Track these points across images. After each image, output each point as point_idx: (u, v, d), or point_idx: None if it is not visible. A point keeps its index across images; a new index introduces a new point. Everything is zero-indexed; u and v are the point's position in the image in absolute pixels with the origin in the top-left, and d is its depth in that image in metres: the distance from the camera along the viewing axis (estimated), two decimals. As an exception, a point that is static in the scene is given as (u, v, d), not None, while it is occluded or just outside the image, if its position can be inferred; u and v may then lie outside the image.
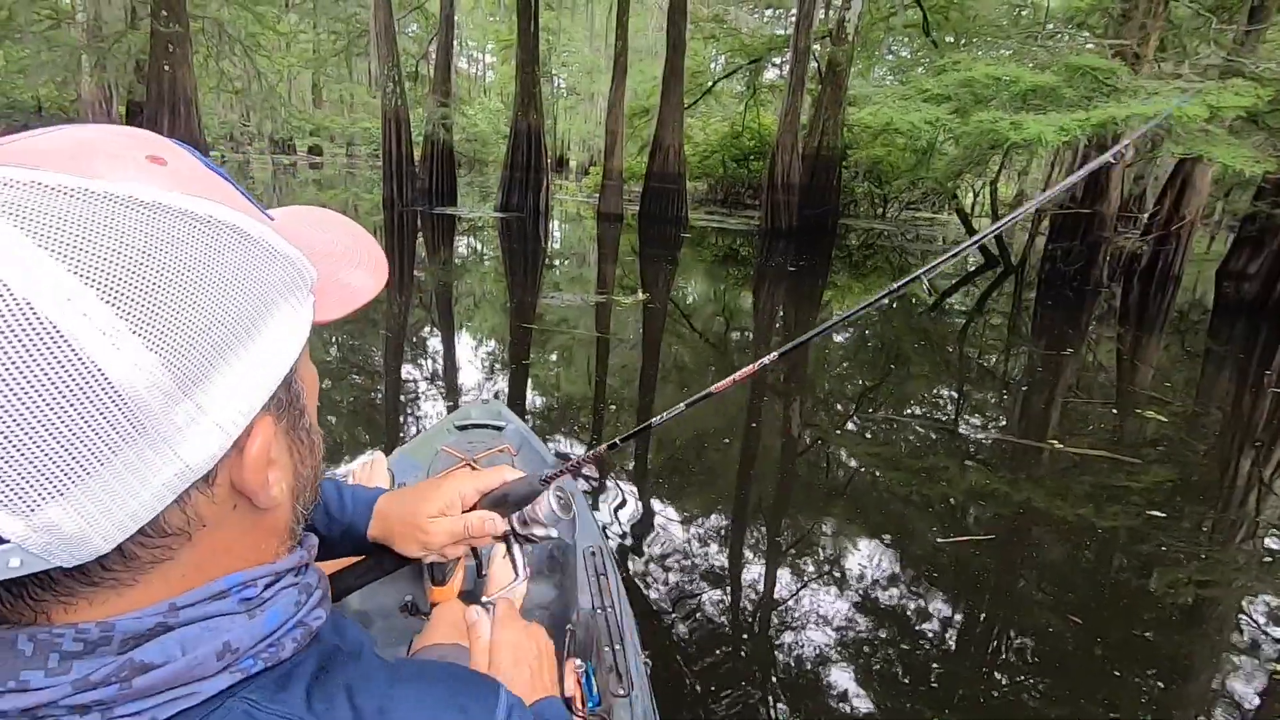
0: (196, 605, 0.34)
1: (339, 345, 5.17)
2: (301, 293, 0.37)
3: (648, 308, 7.00)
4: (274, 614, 0.37)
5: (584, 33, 31.58)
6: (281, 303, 0.35)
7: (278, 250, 0.35)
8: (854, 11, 13.68)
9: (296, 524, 0.41)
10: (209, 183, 0.34)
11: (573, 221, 17.28)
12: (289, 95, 32.02)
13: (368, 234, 0.48)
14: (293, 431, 0.39)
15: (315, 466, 0.42)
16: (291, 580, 0.40)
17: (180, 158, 0.34)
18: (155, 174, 0.32)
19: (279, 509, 0.39)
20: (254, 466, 0.34)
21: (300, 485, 0.41)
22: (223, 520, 0.35)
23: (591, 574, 1.48)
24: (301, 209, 0.48)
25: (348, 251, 0.45)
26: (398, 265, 9.22)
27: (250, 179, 22.11)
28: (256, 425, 0.34)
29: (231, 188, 0.36)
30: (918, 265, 11.80)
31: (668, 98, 15.49)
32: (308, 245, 0.40)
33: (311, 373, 0.43)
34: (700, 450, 3.72)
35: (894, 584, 2.59)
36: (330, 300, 0.40)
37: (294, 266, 0.36)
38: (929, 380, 5.40)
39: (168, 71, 10.81)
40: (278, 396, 0.36)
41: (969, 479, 3.50)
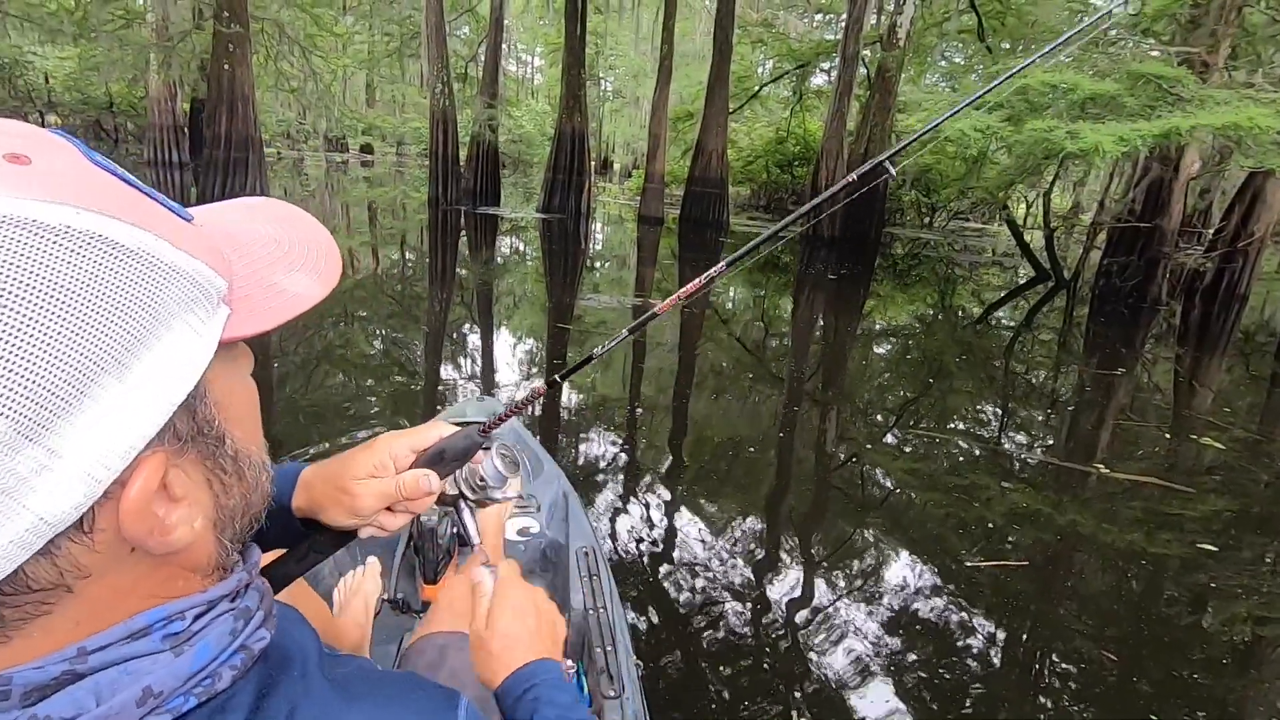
0: (110, 648, 0.31)
1: (381, 338, 5.27)
2: (202, 309, 0.32)
3: (685, 312, 6.95)
4: (204, 648, 0.34)
5: (631, 36, 31.71)
6: (172, 323, 0.30)
7: (164, 262, 0.30)
8: (906, 16, 13.42)
9: (225, 554, 0.38)
10: (84, 185, 0.29)
11: (614, 224, 17.34)
12: (343, 95, 32.97)
13: (322, 230, 0.44)
14: (208, 461, 0.35)
15: (247, 492, 0.38)
16: (226, 606, 0.36)
17: (53, 155, 0.30)
18: (3, 176, 0.27)
19: (193, 546, 0.35)
20: (134, 513, 0.30)
21: (225, 516, 0.37)
22: (112, 567, 0.31)
23: (584, 574, 1.47)
24: (256, 201, 0.44)
25: (291, 251, 0.40)
26: (440, 262, 9.37)
27: (304, 175, 22.81)
28: (140, 465, 0.30)
29: (124, 189, 0.32)
30: (965, 277, 11.51)
31: (712, 102, 15.43)
32: (238, 245, 0.37)
33: (243, 390, 0.39)
34: (720, 455, 3.66)
35: (908, 600, 2.50)
36: (258, 309, 0.36)
37: (189, 280, 0.32)
38: (972, 396, 5.23)
39: (228, 70, 11.23)
40: (173, 428, 0.32)
41: (1008, 500, 3.36)
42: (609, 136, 43.24)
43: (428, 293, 7.29)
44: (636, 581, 2.42)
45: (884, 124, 14.04)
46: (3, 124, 0.31)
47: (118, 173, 0.32)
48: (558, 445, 3.60)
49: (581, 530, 1.64)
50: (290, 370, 4.37)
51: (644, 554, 2.61)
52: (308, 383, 4.20)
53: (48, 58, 21.38)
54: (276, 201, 0.45)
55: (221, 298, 0.34)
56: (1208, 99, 6.60)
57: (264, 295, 0.37)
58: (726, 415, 4.39)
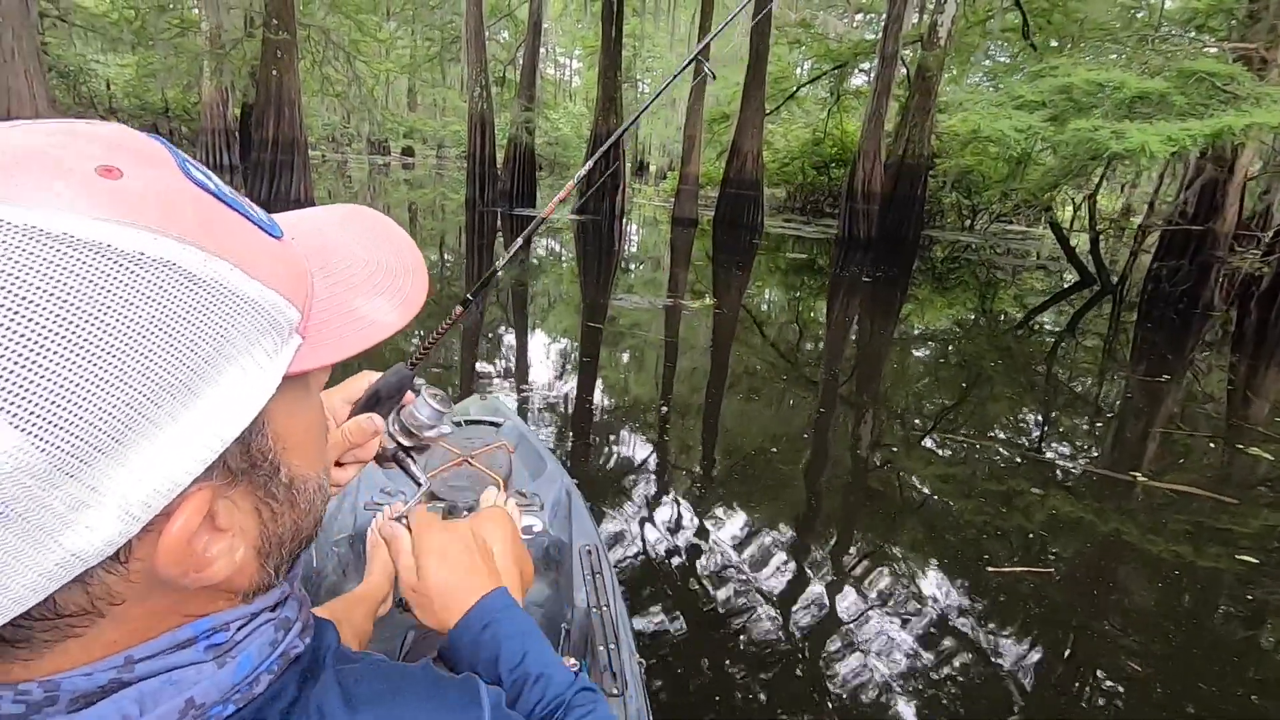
0: (157, 657, 0.31)
1: (418, 336, 5.39)
2: (270, 341, 0.31)
3: (715, 313, 6.94)
4: (246, 659, 0.34)
5: (668, 38, 31.73)
6: (235, 358, 0.29)
7: (236, 294, 0.29)
8: (947, 15, 13.17)
9: (268, 579, 0.36)
10: (171, 203, 0.28)
11: (648, 225, 17.38)
12: (386, 99, 33.73)
13: (413, 249, 0.42)
14: (259, 491, 0.34)
15: (299, 518, 0.37)
16: (267, 617, 0.36)
17: (147, 167, 0.29)
18: (90, 192, 0.26)
19: (233, 576, 0.33)
20: (171, 551, 0.29)
21: (272, 543, 0.36)
22: (149, 593, 0.31)
23: (587, 572, 1.46)
24: (352, 210, 0.42)
25: (378, 273, 0.38)
26: (475, 262, 9.52)
27: (348, 178, 23.38)
28: (183, 501, 0.29)
29: (212, 206, 0.30)
30: (1007, 281, 11.26)
31: (748, 104, 15.37)
32: (325, 263, 0.36)
33: (308, 415, 0.37)
34: (735, 455, 3.66)
35: (922, 603, 2.46)
36: (332, 337, 0.34)
37: (260, 312, 0.30)
38: (1011, 402, 5.12)
39: (275, 76, 11.58)
40: (224, 463, 0.30)
41: (1046, 508, 3.28)
42: (645, 139, 43.31)
43: (463, 291, 7.42)
44: (640, 580, 2.41)
45: (923, 124, 13.80)
46: (105, 130, 0.30)
47: (210, 186, 0.31)
48: (574, 442, 3.63)
49: (584, 528, 1.63)
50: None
51: (648, 552, 2.60)
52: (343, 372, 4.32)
53: (109, 65, 22.36)
54: (372, 213, 0.43)
55: (294, 328, 0.32)
56: (1264, 96, 6.33)
57: (340, 322, 0.35)
58: (742, 415, 4.38)
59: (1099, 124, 6.22)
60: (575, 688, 0.58)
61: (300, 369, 0.33)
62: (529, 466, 1.86)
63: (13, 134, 0.28)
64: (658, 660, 2.01)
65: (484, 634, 0.59)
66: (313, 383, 0.38)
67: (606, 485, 3.16)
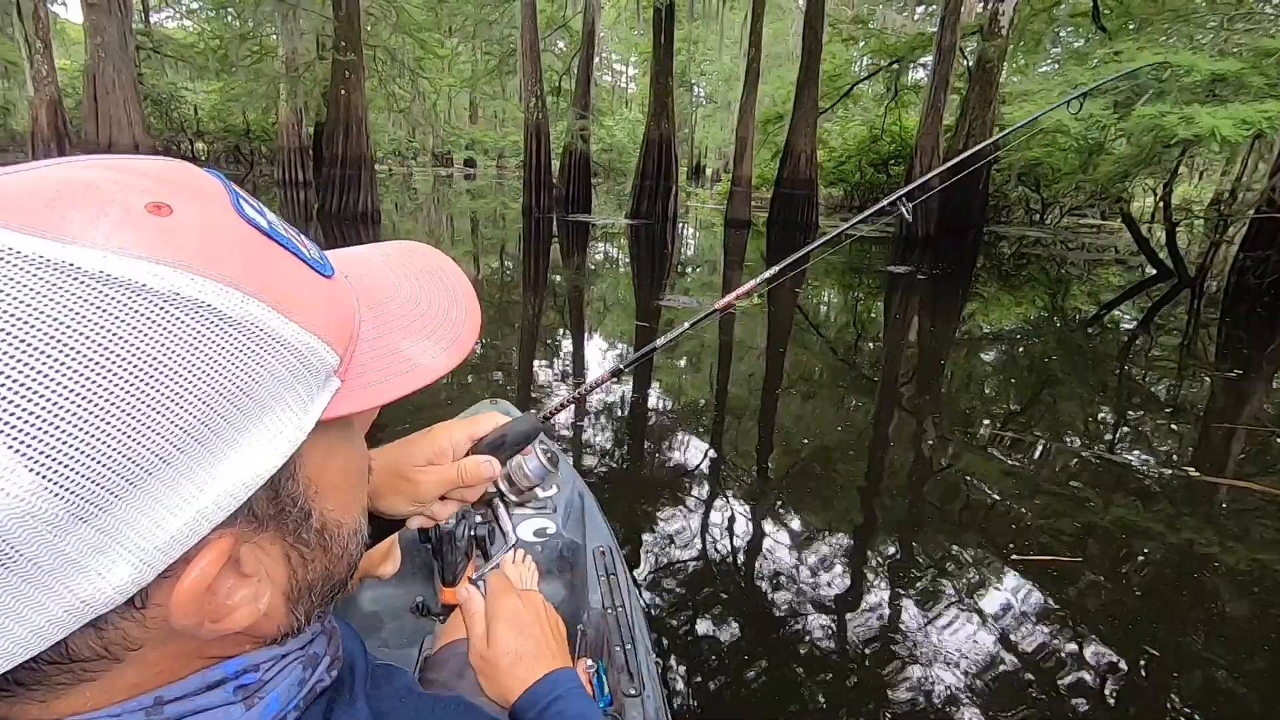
0: (186, 699, 0.31)
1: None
2: (305, 386, 0.30)
3: (766, 312, 6.96)
4: (275, 699, 0.34)
5: (723, 41, 31.70)
6: (266, 404, 0.28)
7: (273, 337, 0.28)
8: (1009, 4, 12.73)
9: (298, 625, 0.36)
10: (216, 242, 0.28)
11: (701, 228, 17.43)
12: (448, 113, 34.92)
13: (467, 287, 0.42)
14: (288, 537, 0.33)
15: (331, 563, 0.36)
16: (297, 655, 0.36)
17: (196, 204, 0.29)
18: (136, 229, 0.26)
19: (262, 619, 0.32)
20: (185, 603, 0.28)
21: (301, 589, 0.35)
22: (170, 639, 0.30)
23: (601, 573, 1.47)
24: (408, 248, 0.42)
25: (428, 314, 0.38)
26: (533, 267, 9.80)
27: (413, 189, 24.31)
28: (202, 549, 0.28)
29: (260, 244, 0.30)
30: (1080, 277, 10.71)
31: (801, 103, 15.23)
32: (375, 303, 0.36)
33: (346, 459, 0.36)
34: (797, 456, 3.69)
35: (954, 597, 2.42)
36: (373, 381, 0.34)
37: (296, 356, 0.29)
38: (1083, 402, 4.89)
39: (344, 95, 12.23)
40: (250, 510, 0.30)
41: (1113, 512, 3.13)
42: (701, 142, 43.34)
43: (521, 296, 7.69)
44: (655, 580, 2.42)
45: (984, 117, 13.36)
46: (161, 166, 0.30)
47: (260, 225, 0.31)
48: (620, 440, 3.74)
49: (598, 530, 1.63)
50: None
51: (663, 552, 2.60)
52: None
53: (196, 92, 24.07)
54: (428, 250, 0.43)
55: (332, 372, 0.32)
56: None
57: (383, 364, 0.35)
58: (789, 412, 4.39)
59: (1165, 109, 5.93)
60: None
61: (336, 414, 0.32)
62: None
63: (73, 168, 0.28)
64: (674, 660, 2.02)
65: (549, 710, 0.58)
66: (356, 424, 0.38)
67: (649, 483, 3.20)
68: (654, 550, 2.60)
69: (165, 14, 26.61)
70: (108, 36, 9.23)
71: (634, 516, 2.85)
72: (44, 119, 20.36)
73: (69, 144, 20.09)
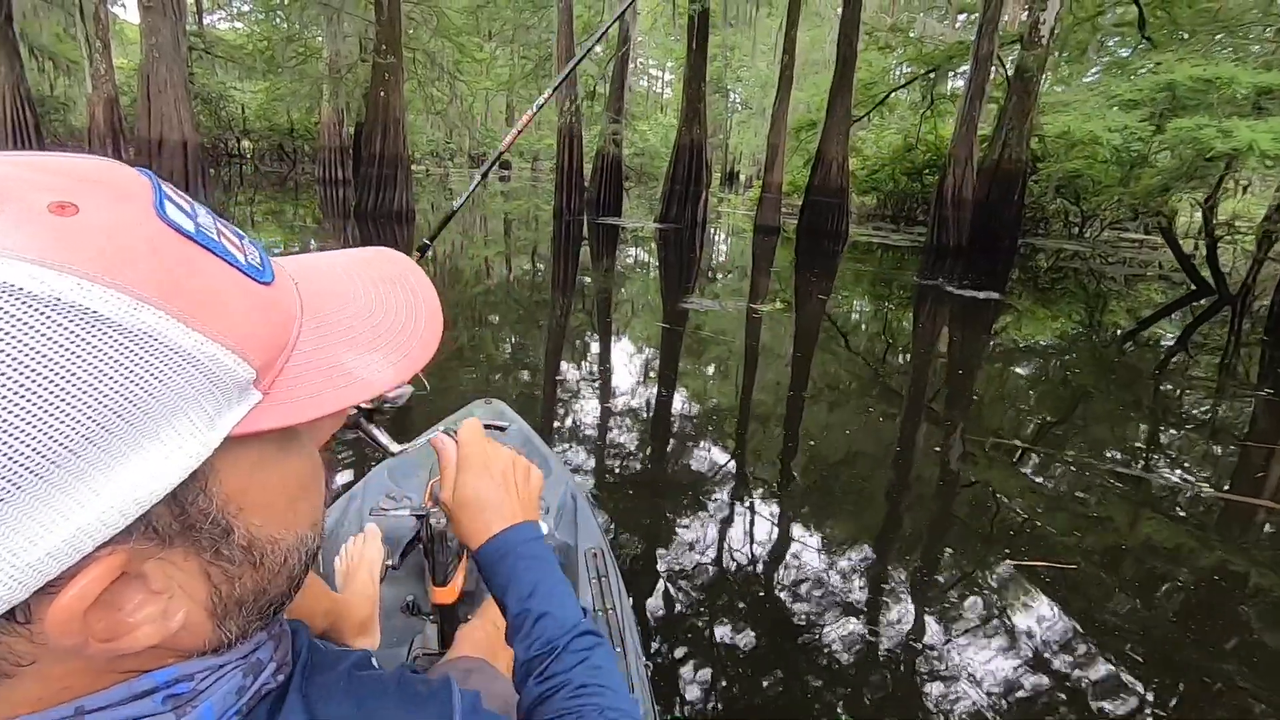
0: (109, 709, 0.30)
1: (511, 341, 5.76)
2: (211, 401, 0.28)
3: (784, 316, 6.98)
4: (207, 709, 0.32)
5: (760, 47, 31.68)
6: (165, 416, 0.27)
7: (171, 348, 0.26)
8: (1050, 13, 12.53)
9: (230, 638, 0.34)
10: (120, 245, 0.26)
11: (730, 233, 17.47)
12: (485, 115, 35.49)
13: (430, 296, 0.40)
14: (205, 553, 0.31)
15: (264, 579, 0.34)
16: (238, 664, 0.34)
17: (109, 205, 0.27)
18: (30, 229, 0.25)
19: (179, 636, 0.31)
20: (62, 623, 0.26)
21: (228, 606, 0.33)
22: (69, 655, 0.28)
23: (593, 575, 1.46)
24: (370, 254, 0.41)
25: (380, 325, 0.36)
26: (562, 268, 9.94)
27: (449, 190, 24.74)
28: (87, 566, 0.26)
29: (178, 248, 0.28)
30: (1120, 293, 10.32)
31: (834, 111, 15.18)
32: (319, 312, 0.34)
33: (282, 473, 0.34)
34: (770, 459, 3.72)
35: (948, 607, 2.44)
36: (303, 394, 0.32)
37: (200, 369, 0.27)
38: (1116, 420, 4.77)
39: (383, 97, 12.56)
40: (150, 526, 0.28)
41: (1141, 533, 3.07)
42: (735, 148, 43.31)
43: (551, 298, 7.83)
44: (646, 582, 2.40)
45: (1021, 128, 13.17)
46: (83, 164, 0.29)
47: (183, 227, 0.29)
48: (597, 439, 3.81)
49: (590, 532, 1.63)
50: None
51: (654, 555, 2.59)
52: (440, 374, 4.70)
53: (244, 91, 24.89)
54: (395, 257, 0.42)
55: (248, 385, 0.30)
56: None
57: (320, 377, 0.33)
58: (796, 413, 4.42)
59: (1203, 122, 5.81)
60: (573, 633, 0.57)
61: (255, 428, 0.30)
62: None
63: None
64: (664, 663, 2.02)
65: (502, 563, 0.60)
66: (304, 436, 0.36)
67: (647, 483, 3.21)
68: (649, 552, 2.60)
69: (217, 15, 27.59)
70: (161, 38, 9.65)
71: (633, 516, 2.85)
72: (100, 116, 21.26)
73: (123, 140, 20.96)
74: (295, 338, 0.33)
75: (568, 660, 0.55)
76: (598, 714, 0.51)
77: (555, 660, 0.55)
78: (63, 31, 23.67)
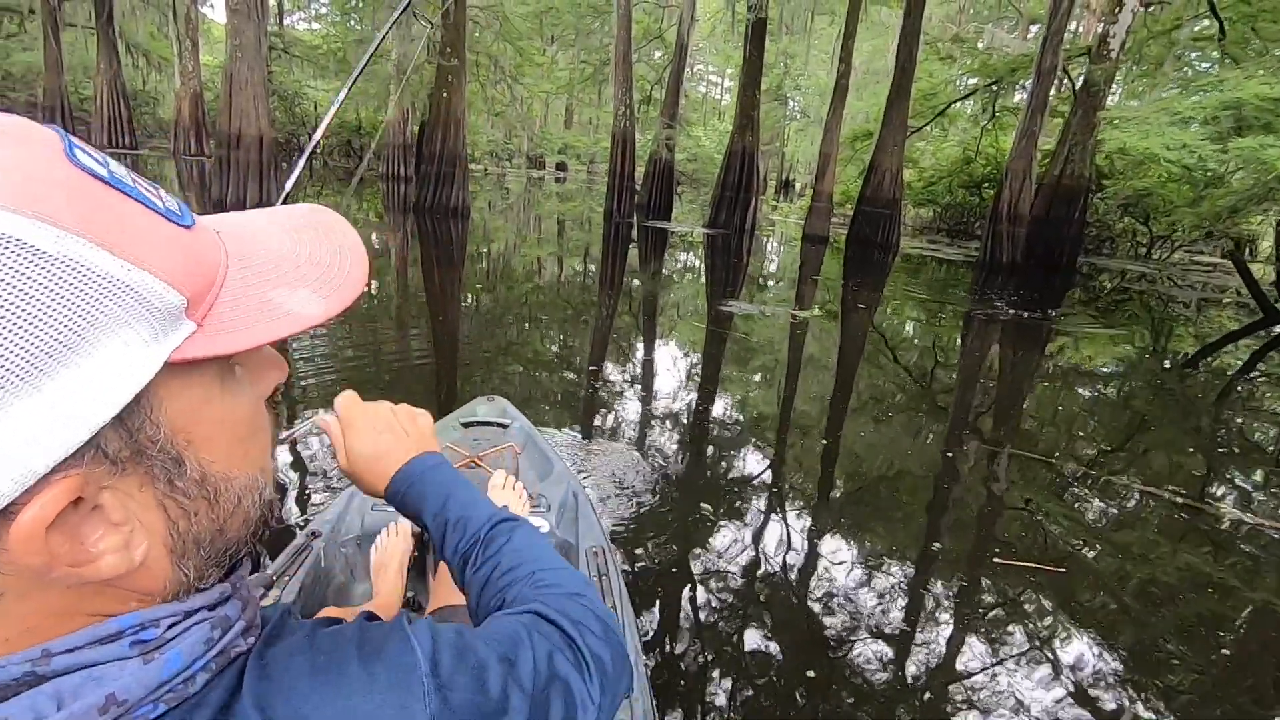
0: (76, 651, 0.30)
1: (556, 339, 5.99)
2: (145, 325, 0.30)
3: (818, 321, 7.02)
4: (175, 656, 0.32)
5: (821, 56, 31.44)
6: (100, 339, 0.28)
7: (97, 273, 0.28)
8: (1121, 26, 12.15)
9: (189, 580, 0.35)
10: (35, 183, 0.28)
11: (780, 241, 17.43)
12: (544, 117, 36.21)
13: (356, 245, 0.42)
14: (159, 484, 0.32)
15: (221, 518, 0.36)
16: (204, 615, 0.35)
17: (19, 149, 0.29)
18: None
19: (138, 574, 0.32)
20: (22, 540, 0.27)
21: (186, 543, 0.34)
22: (33, 589, 0.29)
23: (594, 574, 1.47)
24: (298, 209, 0.43)
25: (303, 266, 0.38)
26: (609, 269, 10.15)
27: (505, 189, 25.33)
28: (42, 488, 0.27)
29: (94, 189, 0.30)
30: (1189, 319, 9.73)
31: (890, 121, 15.02)
32: (244, 256, 0.36)
33: (229, 410, 0.36)
34: (775, 462, 3.79)
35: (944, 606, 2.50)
36: (239, 326, 0.34)
37: (129, 293, 0.29)
38: (1168, 446, 4.61)
39: (445, 98, 13.04)
40: (100, 449, 0.29)
41: (1179, 559, 2.99)
42: (792, 157, 43.00)
43: (596, 300, 8.05)
44: (647, 581, 2.40)
45: (1085, 143, 12.78)
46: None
47: (99, 173, 0.30)
48: (651, 430, 3.94)
49: (591, 530, 1.63)
50: (477, 360, 5.18)
51: (655, 553, 2.58)
52: (490, 370, 4.95)
53: (317, 89, 26.05)
54: (327, 212, 0.43)
55: (180, 314, 0.31)
56: None
57: (250, 311, 0.34)
58: (810, 410, 4.47)
59: (1268, 142, 5.61)
60: (490, 523, 0.60)
61: (192, 355, 0.32)
62: (536, 468, 1.86)
63: None
64: (664, 661, 2.03)
65: (411, 491, 0.63)
66: (245, 380, 0.38)
67: (681, 481, 3.24)
68: (647, 552, 2.59)
69: (297, 16, 28.98)
70: (245, 38, 10.27)
71: (633, 517, 2.85)
72: (186, 110, 22.62)
73: (205, 133, 22.24)
74: (222, 277, 0.35)
75: (491, 547, 0.58)
76: (529, 578, 0.55)
77: (480, 549, 0.58)
78: (156, 30, 25.31)
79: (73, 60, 22.56)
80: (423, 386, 4.22)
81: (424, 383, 4.30)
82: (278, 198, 1.12)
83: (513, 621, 0.47)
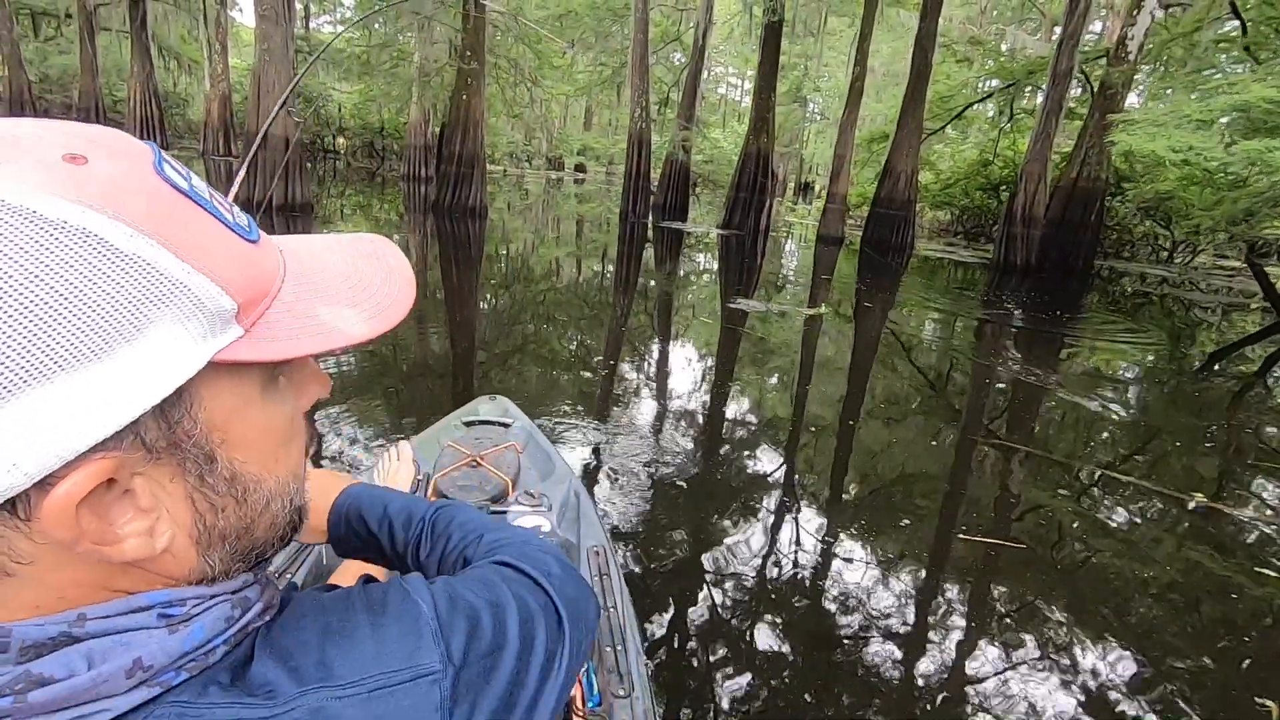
0: (110, 618, 0.32)
1: (573, 337, 6.16)
2: (196, 324, 0.31)
3: (820, 319, 7.13)
4: (198, 629, 0.34)
5: (840, 58, 31.40)
6: (149, 331, 0.29)
7: (159, 271, 0.30)
8: (1140, 28, 12.09)
9: (213, 571, 0.37)
10: (120, 189, 0.30)
11: (794, 242, 17.51)
12: (563, 119, 36.51)
13: (405, 273, 0.44)
14: (190, 478, 0.34)
15: (248, 518, 0.38)
16: (226, 598, 0.37)
17: (112, 160, 0.31)
18: (44, 172, 0.29)
19: (162, 559, 0.34)
20: (55, 513, 0.29)
21: (212, 536, 0.36)
22: (65, 560, 0.31)
23: (595, 574, 1.47)
24: (361, 238, 0.45)
25: (355, 289, 0.40)
26: (624, 268, 10.30)
27: (524, 190, 25.61)
28: (79, 465, 0.28)
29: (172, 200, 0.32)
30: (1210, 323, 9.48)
31: (905, 123, 15.04)
32: (300, 273, 0.39)
33: (269, 418, 0.38)
34: (773, 462, 3.88)
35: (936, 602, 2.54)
36: (281, 336, 0.36)
37: (185, 293, 0.31)
38: (1182, 451, 4.60)
39: (465, 100, 13.31)
40: (138, 437, 0.30)
41: (1198, 567, 2.97)
42: (811, 158, 42.91)
43: (612, 300, 8.21)
44: (648, 581, 2.39)
45: (1102, 145, 12.72)
46: (93, 130, 0.33)
47: (179, 185, 0.33)
48: (650, 420, 4.08)
49: (592, 529, 1.63)
50: (491, 358, 5.36)
51: (662, 550, 2.58)
52: (505, 366, 5.14)
53: (342, 92, 26.58)
54: (375, 238, 0.46)
55: (231, 318, 0.33)
56: None
57: (297, 324, 0.36)
58: (810, 409, 4.57)
59: (1274, 144, 5.63)
60: (432, 509, 0.64)
61: (235, 358, 0.33)
62: (538, 467, 1.87)
63: (8, 124, 0.31)
64: (665, 661, 2.03)
65: (350, 515, 0.66)
66: (286, 388, 0.40)
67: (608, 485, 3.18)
68: (649, 552, 2.58)
69: (323, 19, 29.55)
70: (273, 42, 10.60)
71: (641, 514, 2.86)
72: (215, 112, 23.18)
73: (233, 133, 22.79)
74: (277, 289, 0.37)
75: (438, 528, 0.62)
76: (478, 540, 0.58)
77: (428, 531, 0.62)
78: (187, 34, 25.98)
79: (107, 63, 23.24)
80: (439, 383, 4.38)
81: (440, 379, 4.46)
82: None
83: (482, 571, 0.50)
